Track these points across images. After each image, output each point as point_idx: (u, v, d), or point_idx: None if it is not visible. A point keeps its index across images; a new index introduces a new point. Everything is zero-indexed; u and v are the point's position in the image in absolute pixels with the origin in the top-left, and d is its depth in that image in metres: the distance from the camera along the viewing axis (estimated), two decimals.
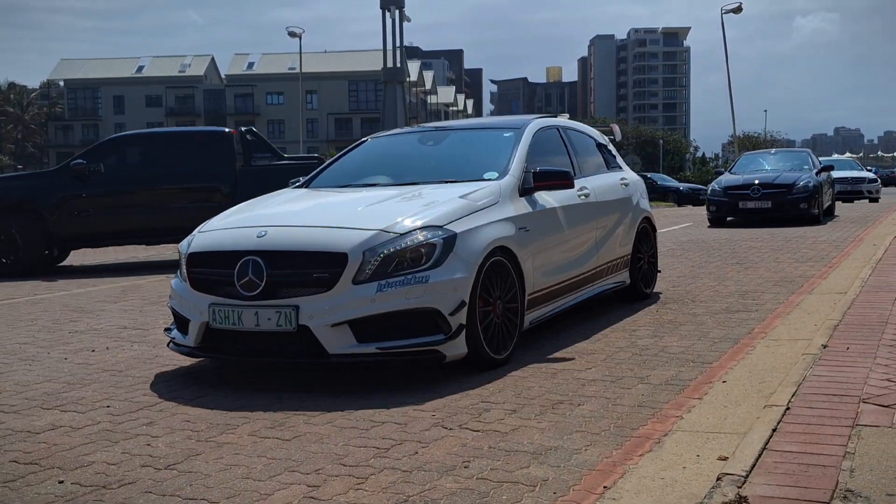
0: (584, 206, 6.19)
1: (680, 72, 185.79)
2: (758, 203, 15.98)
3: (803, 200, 15.79)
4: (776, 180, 16.22)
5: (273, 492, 3.05)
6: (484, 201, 5.08)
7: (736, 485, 2.69)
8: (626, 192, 7.13)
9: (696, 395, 4.13)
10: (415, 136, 6.70)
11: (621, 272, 6.90)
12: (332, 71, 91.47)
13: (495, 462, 3.29)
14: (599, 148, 7.29)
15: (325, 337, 4.37)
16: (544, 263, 5.47)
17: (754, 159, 19.21)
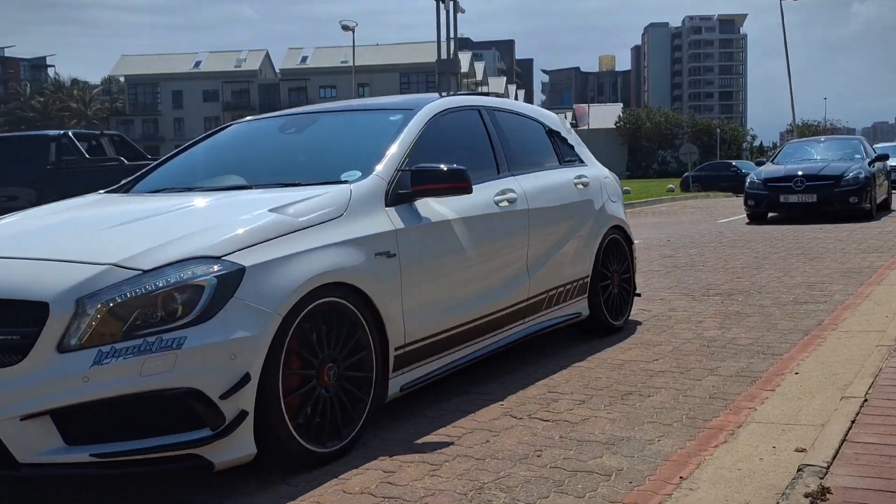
0: (504, 217, 4.54)
1: (736, 59, 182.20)
2: (801, 197, 14.30)
3: (853, 193, 14.08)
4: (822, 171, 14.49)
5: (350, 476, 3.11)
6: (311, 216, 3.46)
7: (818, 476, 2.66)
8: (582, 195, 5.41)
9: (769, 387, 4.09)
10: (278, 123, 4.98)
11: (574, 301, 5.23)
12: (384, 63, 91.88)
13: (567, 452, 3.31)
14: (551, 137, 5.59)
15: (13, 436, 2.78)
16: (428, 301, 3.88)
17: (800, 148, 17.28)
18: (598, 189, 5.67)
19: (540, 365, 4.76)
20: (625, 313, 5.78)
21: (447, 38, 21.12)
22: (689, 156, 38.26)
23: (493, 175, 4.68)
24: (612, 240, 5.64)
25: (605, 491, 2.89)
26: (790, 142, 19.00)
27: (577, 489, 2.91)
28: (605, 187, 5.79)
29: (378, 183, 3.85)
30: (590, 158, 5.98)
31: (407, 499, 2.88)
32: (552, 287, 4.97)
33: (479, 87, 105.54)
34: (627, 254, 5.86)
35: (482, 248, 4.32)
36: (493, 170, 4.72)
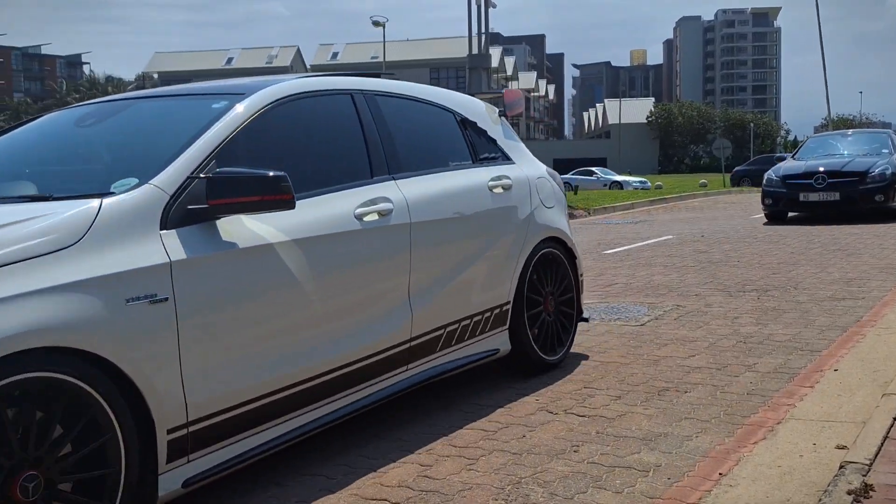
0: (370, 235, 3.45)
1: (770, 53, 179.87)
2: (823, 195, 13.24)
3: (879, 191, 13.01)
4: (845, 167, 13.44)
5: (388, 469, 3.13)
6: (15, 248, 2.40)
7: (860, 473, 2.64)
8: (500, 201, 4.32)
9: (808, 384, 4.04)
10: (79, 113, 3.84)
11: (488, 335, 4.16)
12: (414, 59, 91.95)
13: (604, 447, 3.30)
14: (465, 129, 4.45)
15: None
16: (230, 358, 2.86)
17: (824, 142, 15.98)
18: (526, 193, 4.53)
19: (574, 360, 4.75)
20: (564, 344, 4.66)
21: (478, 33, 21.09)
22: (721, 150, 37.86)
23: (363, 179, 3.59)
24: (545, 255, 4.55)
25: (644, 487, 2.88)
26: (813, 136, 17.58)
27: (615, 484, 2.91)
28: (538, 190, 4.64)
29: (152, 196, 2.77)
30: (521, 154, 4.82)
31: (444, 492, 2.89)
32: (451, 321, 3.89)
33: (509, 83, 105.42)
34: (568, 271, 4.76)
35: (329, 279, 3.25)
36: (363, 172, 3.62)
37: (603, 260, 9.71)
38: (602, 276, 8.24)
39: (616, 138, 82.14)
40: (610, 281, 7.91)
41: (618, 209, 21.03)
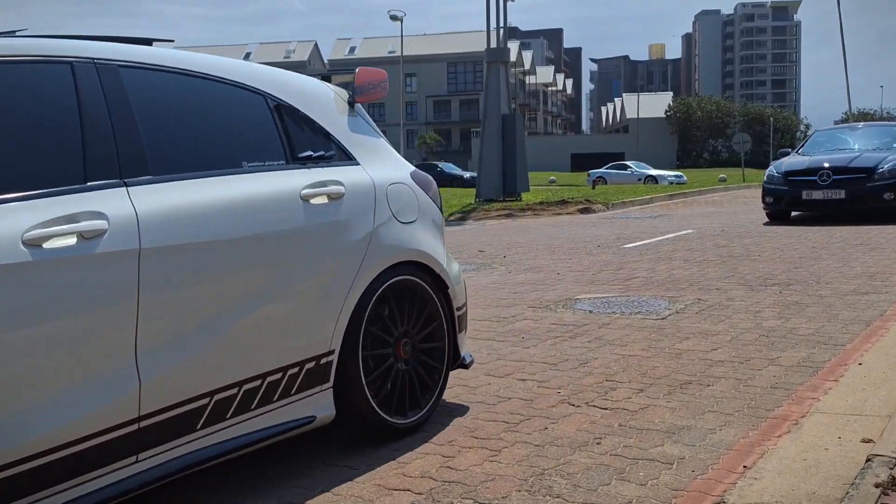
0: (57, 268, 2.39)
1: (790, 47, 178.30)
2: (827, 193, 12.25)
3: (889, 189, 12.03)
4: (852, 163, 12.43)
5: (410, 461, 3.13)
6: None
7: (888, 466, 2.61)
8: (320, 215, 3.20)
9: (832, 378, 4.01)
10: None
11: (295, 400, 3.05)
12: (432, 53, 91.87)
13: (627, 440, 3.29)
14: (280, 117, 3.31)
15: None
16: None
17: (832, 136, 14.79)
18: (368, 203, 3.40)
19: (596, 354, 4.73)
20: (424, 403, 3.53)
21: (496, 27, 21.02)
22: (741, 145, 37.61)
23: (70, 185, 2.53)
24: (398, 285, 3.45)
25: (668, 479, 2.86)
26: (820, 129, 16.15)
27: (638, 477, 2.90)
28: (389, 200, 3.51)
29: None
30: (374, 153, 3.65)
31: (467, 483, 2.89)
32: (222, 386, 2.79)
33: (526, 77, 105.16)
34: (436, 305, 3.64)
35: None
36: (70, 175, 2.55)
37: (623, 254, 9.67)
38: (622, 270, 8.20)
39: (634, 133, 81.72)
40: (630, 275, 7.87)
41: (636, 203, 20.95)
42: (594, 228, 13.74)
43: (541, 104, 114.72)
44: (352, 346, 3.22)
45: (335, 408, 3.18)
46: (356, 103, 3.72)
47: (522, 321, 5.80)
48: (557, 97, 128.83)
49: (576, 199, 19.84)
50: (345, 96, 3.71)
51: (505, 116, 20.50)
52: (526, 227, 14.97)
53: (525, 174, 21.18)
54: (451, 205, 20.45)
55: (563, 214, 17.90)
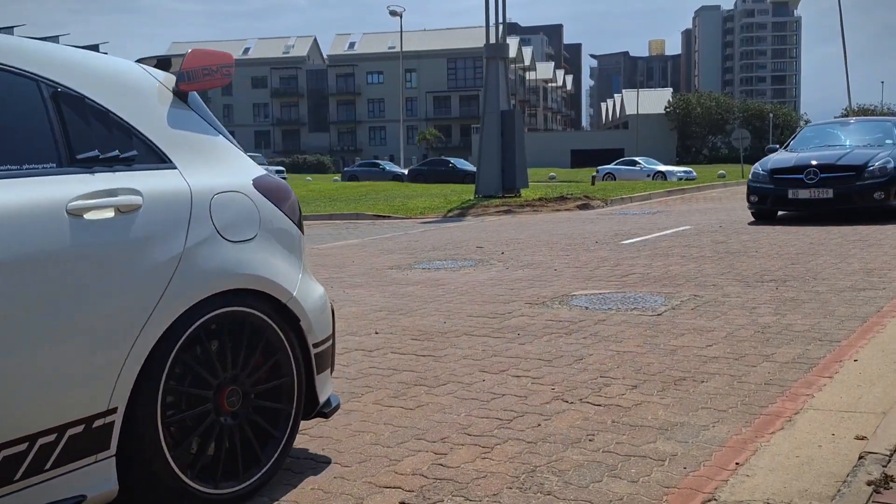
0: None
1: (790, 42, 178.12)
2: (814, 191, 11.60)
3: (879, 187, 11.34)
4: (841, 160, 11.73)
5: (402, 458, 3.12)
6: None
7: (880, 464, 2.60)
8: (99, 234, 2.46)
9: (827, 374, 4.00)
10: None
11: (51, 477, 2.29)
12: (432, 49, 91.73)
13: (620, 436, 3.28)
14: (60, 108, 2.56)
15: None
16: None
17: (822, 132, 13.94)
18: (179, 218, 2.69)
19: (591, 350, 4.72)
20: (265, 460, 2.86)
21: (496, 23, 20.98)
22: (741, 141, 37.58)
23: None
24: (221, 320, 2.74)
25: (660, 476, 2.85)
26: (810, 124, 15.32)
27: (630, 474, 2.89)
28: (211, 213, 2.80)
29: None
30: (203, 152, 2.95)
31: (459, 480, 2.88)
32: None
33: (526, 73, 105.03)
34: (282, 343, 2.94)
35: None
36: None
37: (620, 250, 9.66)
38: (619, 267, 8.19)
39: (634, 129, 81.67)
40: (627, 271, 7.86)
41: (635, 200, 20.92)
42: (592, 225, 13.73)
43: (541, 100, 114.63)
44: (146, 403, 2.48)
45: (122, 481, 2.47)
46: (186, 92, 3.01)
47: (519, 317, 5.79)
48: (557, 93, 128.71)
49: (575, 196, 19.81)
50: (170, 83, 2.99)
51: (504, 112, 20.47)
52: (524, 223, 14.95)
53: (524, 170, 21.15)
54: (451, 201, 20.43)
55: (562, 211, 17.88)
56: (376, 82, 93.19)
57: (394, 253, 10.39)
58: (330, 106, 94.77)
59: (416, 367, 4.50)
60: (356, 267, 9.04)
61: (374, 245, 11.63)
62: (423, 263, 9.13)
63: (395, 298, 6.79)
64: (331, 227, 15.89)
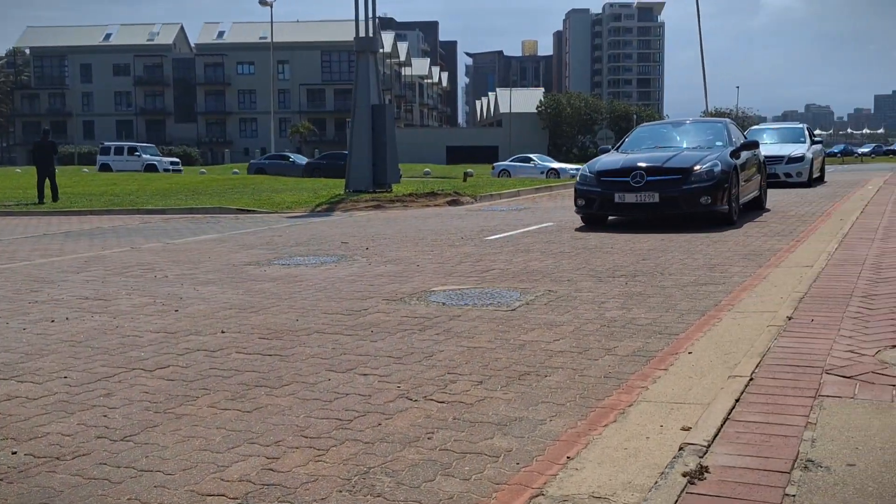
0: None
1: (654, 47, 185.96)
2: (640, 195, 10.99)
3: (705, 192, 10.84)
4: (668, 163, 11.23)
5: (231, 464, 2.99)
6: None
7: (698, 454, 2.68)
8: None
9: (662, 367, 4.12)
10: None
11: None
12: (305, 41, 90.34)
13: (459, 433, 3.26)
14: None
15: None
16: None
17: (655, 132, 13.72)
18: None
19: (442, 346, 4.71)
20: None
21: (366, 17, 20.81)
22: (606, 141, 38.97)
23: None
24: None
25: (492, 472, 2.84)
26: (643, 124, 14.93)
27: (463, 471, 2.87)
28: None
29: None
30: None
31: (287, 485, 2.78)
32: None
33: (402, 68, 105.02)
34: None
35: None
36: None
37: (484, 246, 9.75)
38: (480, 262, 8.26)
39: (507, 127, 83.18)
40: (488, 267, 7.93)
41: (504, 196, 21.25)
42: (460, 220, 13.83)
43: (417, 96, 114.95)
44: None
45: None
46: None
47: (375, 314, 5.72)
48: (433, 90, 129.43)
49: (445, 192, 19.93)
50: None
51: (375, 107, 20.34)
52: (394, 218, 14.90)
53: (396, 165, 21.10)
54: (320, 196, 20.15)
55: (432, 206, 17.94)
56: (247, 73, 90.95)
57: (253, 248, 10.11)
58: (198, 96, 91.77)
59: (260, 367, 4.36)
60: (211, 263, 8.74)
61: (233, 240, 11.29)
62: (282, 259, 8.92)
63: (248, 295, 6.58)
64: (190, 221, 15.34)
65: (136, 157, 46.97)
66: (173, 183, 28.05)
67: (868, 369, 3.62)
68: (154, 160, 46.85)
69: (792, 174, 20.38)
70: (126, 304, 6.35)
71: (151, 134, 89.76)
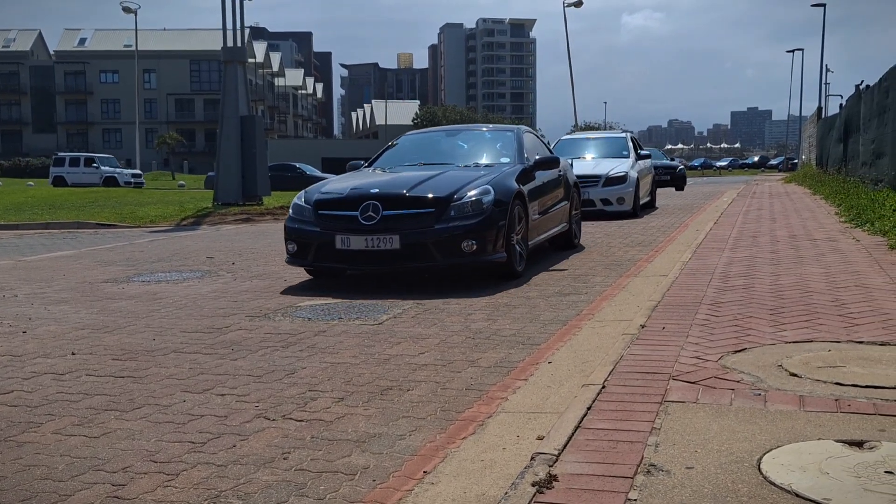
0: None
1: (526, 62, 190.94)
2: (373, 239, 7.17)
3: (469, 233, 7.16)
4: (414, 190, 7.43)
5: (74, 492, 2.84)
6: None
7: (548, 463, 2.74)
8: None
9: (523, 377, 4.20)
10: None
11: None
12: (172, 49, 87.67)
13: (316, 452, 3.21)
14: None
15: None
16: None
17: (426, 143, 9.90)
18: None
19: (305, 363, 4.64)
20: None
21: (233, 26, 20.40)
22: None
23: None
24: None
25: (347, 491, 2.82)
26: (411, 132, 10.57)
27: (318, 491, 2.82)
28: None
29: None
30: None
31: None
32: None
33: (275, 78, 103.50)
34: None
35: None
36: None
37: None
38: (351, 274, 8.19)
39: (384, 139, 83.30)
40: (359, 279, 7.88)
41: None
42: None
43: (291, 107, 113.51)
44: None
45: None
46: None
47: (236, 331, 5.58)
48: (308, 101, 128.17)
49: None
50: None
51: (244, 118, 19.95)
52: (263, 231, 14.62)
53: (266, 178, 20.74)
54: (186, 209, 19.54)
55: None
56: (111, 81, 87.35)
57: (112, 265, 9.69)
58: (57, 105, 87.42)
59: (111, 390, 4.16)
60: (65, 281, 8.31)
61: (91, 256, 10.78)
62: (143, 276, 8.59)
63: (104, 315, 6.29)
64: (46, 236, 14.56)
65: (94, 168, 44.07)
66: (29, 196, 26.57)
67: (711, 374, 3.81)
68: (115, 172, 43.97)
69: (611, 200, 14.85)
70: None
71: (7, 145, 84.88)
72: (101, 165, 44.91)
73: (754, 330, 4.75)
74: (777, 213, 14.12)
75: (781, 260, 7.84)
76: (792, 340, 4.47)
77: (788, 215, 13.65)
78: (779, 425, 3.06)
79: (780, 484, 2.49)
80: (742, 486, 2.51)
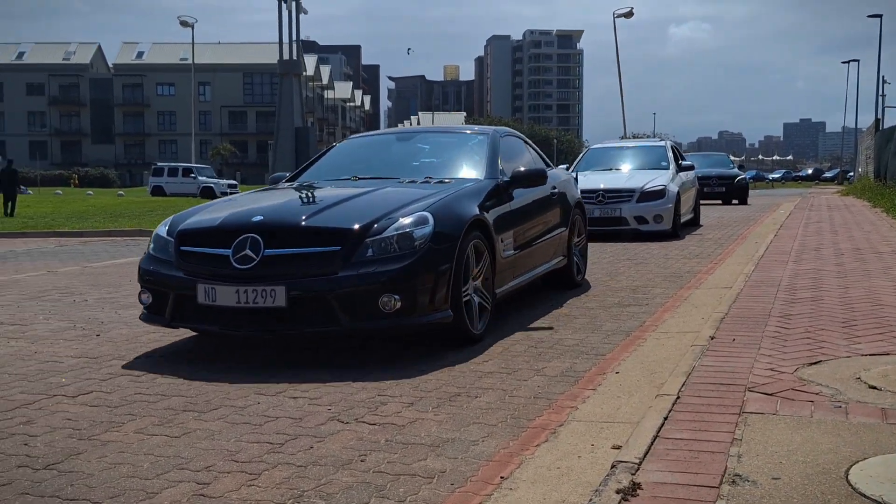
0: None
1: (573, 73, 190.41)
2: (247, 293, 4.69)
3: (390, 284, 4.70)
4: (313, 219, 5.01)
5: (160, 490, 2.92)
6: None
7: (630, 472, 2.73)
8: None
9: (590, 386, 4.20)
10: None
11: None
12: (226, 62, 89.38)
13: (392, 455, 3.25)
14: None
15: None
16: None
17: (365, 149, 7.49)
18: None
19: (368, 369, 4.69)
20: None
21: (290, 39, 20.74)
22: None
23: None
24: None
25: (427, 494, 2.84)
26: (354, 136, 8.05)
27: (398, 493, 2.86)
28: None
29: None
30: None
31: None
32: None
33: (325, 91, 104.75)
34: None
35: None
36: None
37: None
38: None
39: None
40: None
41: None
42: None
43: (339, 119, 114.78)
44: None
45: None
46: None
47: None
48: (356, 113, 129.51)
49: None
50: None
51: (298, 129, 20.24)
52: None
53: None
54: None
55: None
56: (167, 94, 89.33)
57: None
58: (115, 117, 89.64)
59: (186, 391, 4.26)
60: (132, 286, 8.49)
61: None
62: None
63: None
64: (109, 243, 14.92)
65: (192, 178, 44.36)
66: (90, 205, 27.25)
67: (788, 386, 3.77)
68: (211, 182, 44.54)
69: (647, 218, 12.68)
70: (44, 328, 6.13)
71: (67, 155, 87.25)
72: (199, 175, 45.12)
73: (827, 342, 4.68)
74: (838, 226, 13.87)
75: (848, 273, 7.70)
76: (868, 353, 4.39)
77: (850, 228, 13.39)
78: (863, 437, 3.02)
79: (871, 495, 2.45)
80: (832, 497, 2.48)
